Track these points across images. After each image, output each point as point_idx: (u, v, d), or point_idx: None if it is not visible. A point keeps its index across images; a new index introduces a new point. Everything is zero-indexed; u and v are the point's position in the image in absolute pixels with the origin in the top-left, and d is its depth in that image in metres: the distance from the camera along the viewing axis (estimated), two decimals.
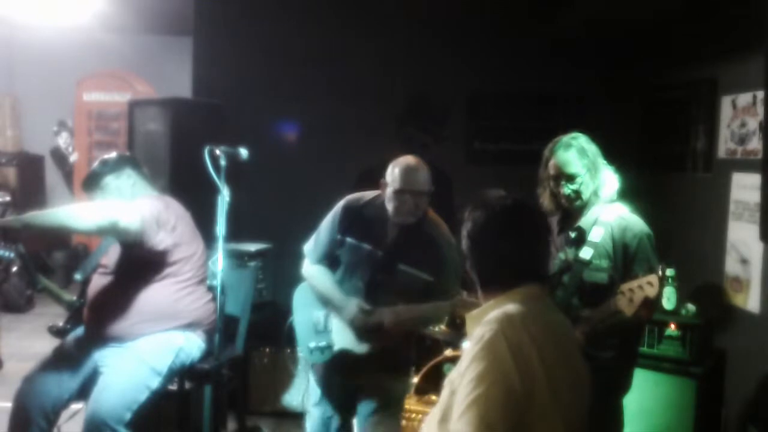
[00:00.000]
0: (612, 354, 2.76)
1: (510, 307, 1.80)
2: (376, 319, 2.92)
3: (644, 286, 2.49)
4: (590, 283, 2.77)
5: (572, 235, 2.83)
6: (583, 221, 2.84)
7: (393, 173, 2.93)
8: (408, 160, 2.97)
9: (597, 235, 2.78)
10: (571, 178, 2.80)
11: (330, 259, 3.12)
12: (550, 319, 1.88)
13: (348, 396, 3.13)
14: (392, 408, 3.11)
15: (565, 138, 2.85)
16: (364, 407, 3.07)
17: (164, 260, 3.10)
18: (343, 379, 3.09)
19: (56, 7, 6.73)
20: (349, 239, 3.03)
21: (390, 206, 2.94)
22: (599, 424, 2.55)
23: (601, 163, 2.84)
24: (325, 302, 3.09)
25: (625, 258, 2.76)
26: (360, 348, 2.99)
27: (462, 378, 1.70)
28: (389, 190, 2.93)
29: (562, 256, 2.85)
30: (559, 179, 2.82)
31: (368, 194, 3.10)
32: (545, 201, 2.91)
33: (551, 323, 1.87)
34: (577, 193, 2.81)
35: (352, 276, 3.03)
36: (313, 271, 3.13)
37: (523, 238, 1.88)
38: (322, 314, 3.08)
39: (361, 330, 2.97)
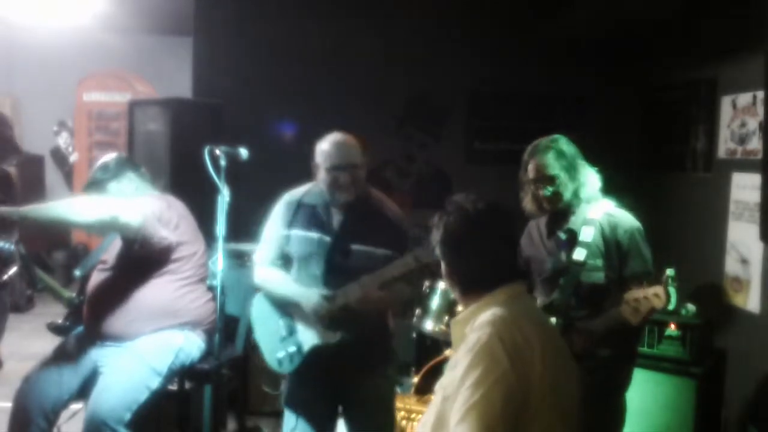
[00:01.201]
0: (611, 352, 2.75)
1: (499, 308, 1.80)
2: (341, 301, 2.73)
3: (650, 297, 2.47)
4: (588, 284, 2.76)
5: (563, 237, 2.82)
6: (573, 222, 2.83)
7: (322, 152, 2.82)
8: (335, 136, 2.85)
9: (588, 234, 2.78)
10: (550, 180, 2.79)
11: (282, 260, 3.00)
12: (540, 318, 1.90)
13: (328, 415, 2.96)
14: (384, 402, 2.97)
15: (544, 141, 2.85)
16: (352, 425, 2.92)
17: (165, 258, 3.10)
18: (322, 384, 2.87)
19: (56, 8, 6.73)
20: (295, 231, 2.91)
21: (325, 186, 2.83)
22: (600, 422, 2.55)
23: (581, 163, 2.83)
24: (284, 304, 2.90)
25: (619, 255, 2.76)
26: (332, 339, 2.77)
27: (460, 383, 1.70)
28: (322, 171, 2.82)
29: (557, 258, 2.85)
30: (538, 182, 2.82)
31: (306, 185, 3.00)
32: (527, 204, 2.91)
33: (541, 322, 1.88)
34: (557, 195, 2.80)
35: (307, 268, 2.87)
36: (266, 274, 2.97)
37: (501, 238, 1.90)
38: (283, 320, 2.90)
39: (329, 319, 2.76)
